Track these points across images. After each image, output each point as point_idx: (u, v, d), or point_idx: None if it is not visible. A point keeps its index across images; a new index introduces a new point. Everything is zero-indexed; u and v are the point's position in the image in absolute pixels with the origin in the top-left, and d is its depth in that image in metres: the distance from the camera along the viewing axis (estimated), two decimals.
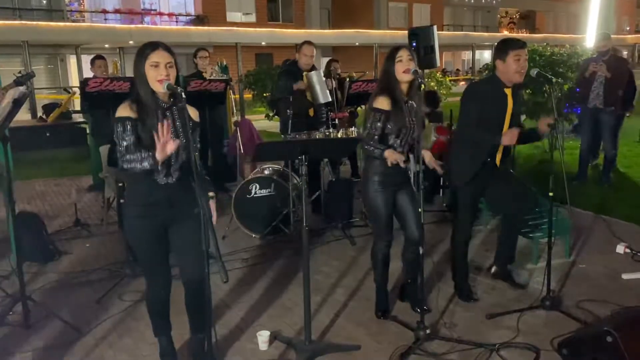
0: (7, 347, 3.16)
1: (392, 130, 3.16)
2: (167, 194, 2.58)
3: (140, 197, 2.60)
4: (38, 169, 8.71)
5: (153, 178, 2.57)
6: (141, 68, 2.51)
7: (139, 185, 2.59)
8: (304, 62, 5.42)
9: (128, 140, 2.50)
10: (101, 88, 5.02)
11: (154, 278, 2.74)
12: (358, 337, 3.20)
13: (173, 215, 2.62)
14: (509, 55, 3.27)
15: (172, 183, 2.59)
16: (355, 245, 4.79)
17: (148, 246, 2.65)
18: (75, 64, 21.43)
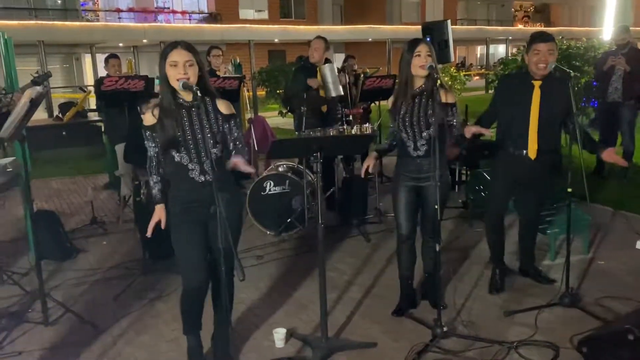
0: (27, 344, 3.20)
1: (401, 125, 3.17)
2: (205, 192, 2.58)
3: (181, 196, 2.63)
4: (55, 168, 8.81)
5: (191, 177, 2.60)
6: (162, 68, 2.54)
7: (180, 184, 2.62)
8: (312, 56, 5.41)
9: (151, 152, 2.64)
10: (116, 87, 5.05)
11: (190, 278, 2.71)
12: (374, 335, 3.19)
13: (211, 214, 2.61)
14: (530, 49, 3.33)
15: (210, 181, 2.58)
16: (370, 242, 4.77)
17: (185, 244, 2.66)
18: (90, 62, 21.61)
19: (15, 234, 5.16)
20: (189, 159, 2.58)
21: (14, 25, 16.36)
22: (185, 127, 2.57)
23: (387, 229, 5.03)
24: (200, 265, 2.69)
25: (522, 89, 3.39)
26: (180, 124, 2.57)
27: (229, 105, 2.70)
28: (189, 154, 2.58)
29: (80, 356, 3.07)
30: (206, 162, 2.59)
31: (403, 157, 3.24)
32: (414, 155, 3.17)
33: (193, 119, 2.59)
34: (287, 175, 5.10)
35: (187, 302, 2.79)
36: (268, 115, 12.46)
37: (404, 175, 3.25)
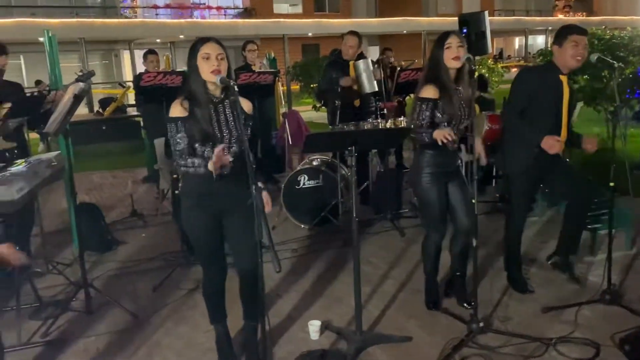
0: (72, 332, 3.32)
1: (443, 119, 3.10)
2: (221, 185, 2.62)
3: (196, 188, 2.66)
4: (95, 162, 9.07)
5: (210, 169, 2.62)
6: (193, 61, 2.57)
7: (195, 176, 2.64)
8: (347, 53, 5.39)
9: (181, 143, 2.58)
10: (155, 82, 5.15)
11: (209, 267, 2.80)
12: (409, 329, 3.18)
13: (227, 205, 2.67)
14: (566, 40, 3.21)
15: (226, 174, 2.63)
16: (404, 237, 4.75)
17: (203, 236, 2.72)
18: (129, 58, 22.10)
19: (59, 225, 5.35)
20: (212, 152, 2.61)
21: (57, 24, 16.86)
22: (214, 121, 2.61)
23: (421, 223, 4.98)
24: (217, 255, 2.76)
25: (551, 83, 3.29)
26: (210, 117, 2.60)
27: (249, 104, 2.74)
28: (213, 147, 2.60)
29: (122, 345, 3.17)
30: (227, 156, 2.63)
31: (434, 150, 3.12)
32: (448, 148, 3.12)
33: (220, 114, 2.62)
34: (321, 169, 5.13)
35: (208, 292, 2.87)
36: (302, 109, 12.49)
37: (435, 169, 3.17)
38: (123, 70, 24.17)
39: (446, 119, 3.09)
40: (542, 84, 3.31)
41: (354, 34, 5.42)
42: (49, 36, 4.57)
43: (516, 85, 3.41)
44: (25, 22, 17.45)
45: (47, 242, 4.53)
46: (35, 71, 18.78)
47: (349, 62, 5.33)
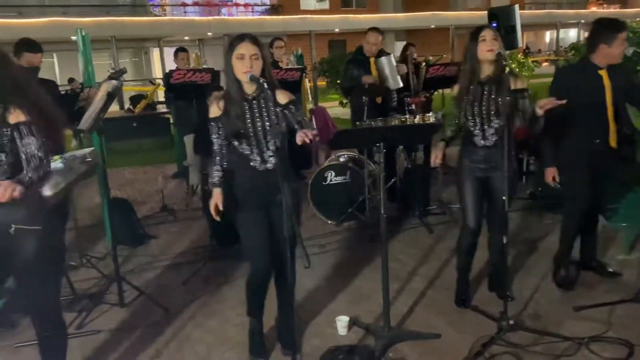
0: (105, 324, 3.41)
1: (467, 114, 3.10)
2: (265, 180, 2.67)
3: (242, 183, 2.72)
4: (127, 158, 9.24)
5: (252, 165, 2.68)
6: (229, 60, 2.61)
7: (242, 172, 2.70)
8: (368, 50, 5.37)
9: (217, 145, 2.71)
10: (184, 79, 5.23)
11: (256, 261, 2.80)
12: (437, 326, 3.16)
13: (271, 200, 2.70)
14: (616, 39, 3.14)
15: (270, 169, 2.67)
16: (432, 234, 4.72)
17: (250, 229, 2.75)
18: (158, 56, 22.42)
19: (92, 220, 5.48)
20: (250, 149, 2.67)
21: (89, 22, 17.19)
22: (247, 118, 2.65)
23: (450, 220, 4.96)
24: (265, 249, 2.77)
25: (590, 80, 3.24)
26: (244, 115, 2.64)
27: (287, 94, 2.75)
28: (250, 144, 2.66)
29: (153, 337, 3.23)
30: (266, 152, 2.68)
31: (469, 146, 3.17)
32: (482, 144, 3.11)
33: (254, 111, 2.66)
34: (348, 165, 5.13)
35: (253, 285, 2.88)
36: (328, 105, 12.50)
37: (470, 165, 3.18)
38: (152, 68, 24.54)
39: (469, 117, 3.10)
40: (582, 82, 3.26)
41: (376, 30, 5.41)
42: (82, 35, 4.66)
43: (555, 85, 3.37)
44: (58, 22, 17.85)
45: (81, 236, 4.64)
46: (68, 69, 19.23)
47: (370, 58, 5.31)
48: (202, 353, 3.05)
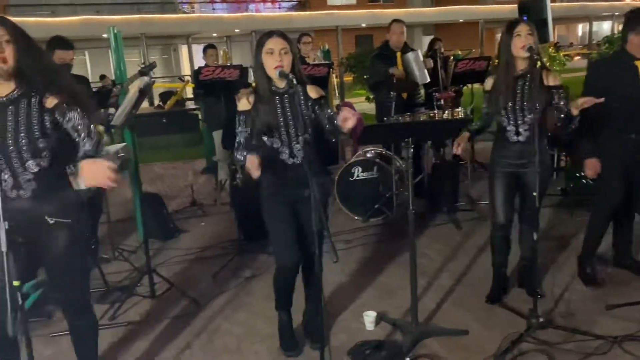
0: (137, 315, 3.49)
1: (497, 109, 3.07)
2: (293, 174, 2.70)
3: (271, 177, 2.74)
4: (157, 153, 9.40)
5: (281, 158, 2.71)
6: (259, 56, 2.64)
7: (271, 165, 2.71)
8: (394, 41, 5.37)
9: (241, 136, 2.71)
10: (213, 76, 5.28)
11: (283, 255, 2.82)
12: (465, 322, 3.15)
13: (299, 194, 2.72)
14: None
15: (299, 163, 2.70)
16: (461, 230, 4.68)
17: (278, 223, 2.78)
18: (187, 53, 22.68)
19: (124, 214, 5.59)
20: (280, 143, 2.69)
21: (119, 20, 17.51)
22: (278, 113, 2.68)
23: (479, 216, 4.91)
24: (293, 243, 2.79)
25: (625, 72, 3.17)
26: (274, 110, 2.67)
27: (318, 89, 2.78)
28: (280, 138, 2.69)
29: (183, 329, 3.29)
30: (295, 146, 2.70)
31: (501, 142, 3.14)
32: (515, 140, 3.07)
33: (284, 105, 2.69)
34: (375, 161, 5.12)
35: (280, 279, 2.91)
36: (355, 101, 12.47)
37: (502, 161, 3.15)
38: (181, 65, 24.84)
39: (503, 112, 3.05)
40: (617, 74, 3.20)
41: (399, 21, 5.41)
42: (114, 33, 4.75)
43: (589, 79, 3.30)
44: (90, 20, 18.23)
45: (114, 230, 4.74)
46: (99, 66, 19.61)
47: (397, 53, 5.30)
48: (231, 345, 3.10)
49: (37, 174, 2.17)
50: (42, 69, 2.19)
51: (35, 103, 2.16)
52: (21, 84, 2.15)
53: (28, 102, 2.16)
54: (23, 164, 2.14)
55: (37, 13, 19.58)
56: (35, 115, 2.15)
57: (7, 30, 2.08)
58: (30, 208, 2.19)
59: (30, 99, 2.16)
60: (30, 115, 2.15)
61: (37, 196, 2.19)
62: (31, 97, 2.16)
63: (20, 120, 2.13)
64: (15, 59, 2.09)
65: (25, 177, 2.16)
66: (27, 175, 2.16)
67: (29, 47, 2.14)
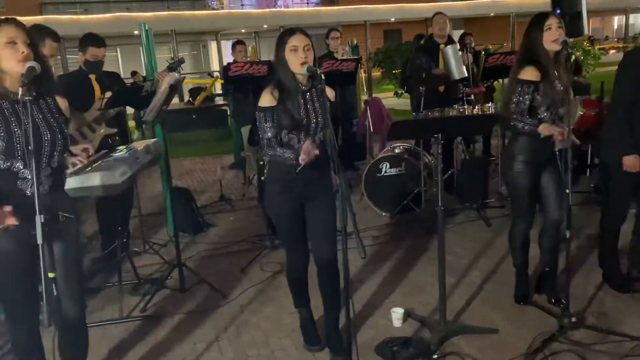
0: (167, 308, 3.55)
1: (542, 102, 2.96)
2: (305, 172, 2.66)
3: (281, 175, 2.73)
4: (186, 148, 9.52)
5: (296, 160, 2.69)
6: (281, 53, 2.62)
7: (280, 163, 2.71)
8: (438, 34, 5.34)
9: (269, 132, 2.67)
10: (242, 72, 5.31)
11: (292, 252, 2.87)
12: (495, 321, 3.10)
13: (309, 192, 2.72)
14: None
15: (313, 162, 2.67)
16: (491, 227, 4.62)
17: (286, 221, 2.79)
18: (216, 49, 22.87)
19: (154, 208, 5.69)
20: (298, 140, 2.68)
21: (150, 17, 17.76)
22: (302, 109, 2.67)
23: (509, 213, 4.80)
24: (300, 240, 2.81)
25: None
26: (299, 106, 2.67)
27: (332, 92, 2.78)
28: (299, 135, 2.67)
29: (212, 322, 3.34)
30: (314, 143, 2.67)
31: (530, 138, 3.01)
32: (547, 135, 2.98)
33: (308, 102, 2.68)
34: (403, 156, 5.08)
35: (290, 277, 2.94)
36: (383, 96, 12.41)
37: (529, 158, 3.05)
38: (210, 61, 25.07)
39: (547, 103, 2.95)
40: None
41: (441, 13, 5.38)
42: (145, 29, 4.82)
43: (622, 70, 3.12)
44: (121, 17, 18.55)
45: (144, 224, 4.83)
46: (130, 62, 19.94)
47: (440, 45, 5.26)
48: (259, 338, 3.13)
49: (55, 169, 2.26)
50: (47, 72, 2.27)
51: (52, 102, 2.27)
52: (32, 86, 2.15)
53: (45, 101, 2.25)
54: (50, 160, 2.22)
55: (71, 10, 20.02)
56: (55, 114, 2.26)
57: (26, 33, 2.15)
58: (48, 203, 2.21)
59: (46, 99, 2.26)
60: (51, 113, 2.25)
61: (53, 192, 2.25)
62: (46, 98, 2.26)
63: (43, 117, 2.21)
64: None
65: (46, 172, 2.22)
66: (48, 170, 2.23)
67: (36, 50, 2.20)
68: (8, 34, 2.09)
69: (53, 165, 2.23)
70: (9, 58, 2.09)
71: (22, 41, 2.11)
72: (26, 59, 2.08)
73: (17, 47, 2.09)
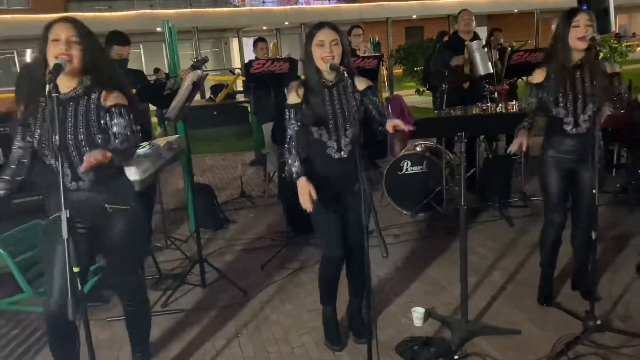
0: (188, 303, 3.57)
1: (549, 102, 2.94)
2: (339, 168, 2.69)
3: (318, 171, 2.73)
4: (208, 145, 9.59)
5: (327, 153, 2.70)
6: (309, 48, 2.62)
7: (317, 159, 2.72)
8: (464, 29, 5.29)
9: (292, 130, 2.68)
10: (263, 69, 5.33)
11: (329, 249, 2.81)
12: (517, 322, 3.06)
13: (345, 188, 2.72)
14: None
15: (345, 157, 2.69)
16: (513, 227, 4.55)
17: (323, 216, 2.74)
18: (237, 46, 22.96)
19: (176, 204, 5.74)
20: (328, 136, 2.67)
21: (173, 14, 17.91)
22: (327, 105, 2.66)
23: (532, 213, 4.76)
24: (338, 237, 2.78)
25: None
26: (324, 102, 2.66)
27: (365, 80, 2.75)
28: (328, 131, 2.67)
29: (232, 318, 3.35)
30: (343, 140, 2.68)
31: (557, 136, 2.99)
32: (573, 132, 2.93)
33: (334, 98, 2.67)
34: (425, 155, 5.04)
35: (325, 271, 2.91)
36: (404, 93, 12.33)
37: (557, 156, 3.02)
38: (232, 58, 25.18)
39: (561, 104, 2.91)
40: None
41: (467, 10, 5.34)
42: (168, 27, 4.86)
43: None
44: (145, 14, 18.72)
45: (166, 219, 4.88)
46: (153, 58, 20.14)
47: (466, 42, 5.21)
48: (279, 335, 3.14)
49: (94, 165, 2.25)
50: (104, 69, 2.30)
51: (95, 100, 2.28)
52: (84, 81, 2.27)
53: (88, 99, 2.27)
54: (82, 157, 2.23)
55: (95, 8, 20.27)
56: (93, 112, 2.27)
57: (76, 30, 2.19)
58: (89, 197, 2.30)
59: (90, 96, 2.28)
60: (89, 111, 2.26)
61: (95, 186, 2.29)
62: (91, 95, 2.28)
63: (80, 116, 2.24)
64: (80, 58, 2.19)
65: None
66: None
67: (93, 47, 2.25)
68: (55, 32, 2.16)
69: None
70: (51, 55, 2.15)
71: (65, 38, 2.15)
72: (62, 56, 2.12)
73: (58, 44, 2.15)
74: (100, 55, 2.31)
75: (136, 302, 2.63)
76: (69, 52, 2.15)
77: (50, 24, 2.19)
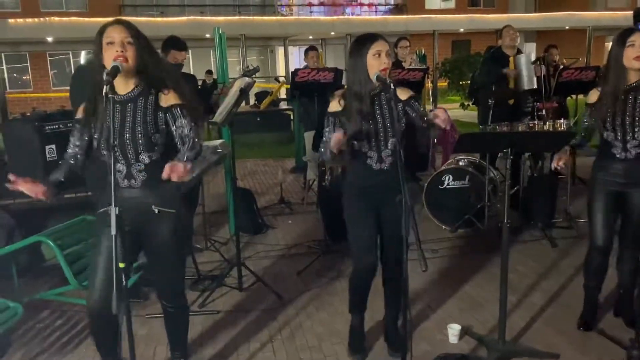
0: (225, 305, 3.63)
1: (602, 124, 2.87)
2: (379, 179, 2.69)
3: (357, 180, 2.75)
4: (249, 150, 9.73)
5: (368, 163, 2.71)
6: (362, 59, 2.58)
7: (357, 169, 2.74)
8: (508, 44, 5.25)
9: (327, 136, 2.68)
10: (308, 78, 5.38)
11: (361, 258, 2.80)
12: (557, 345, 2.98)
13: (384, 199, 2.72)
14: None
15: (386, 169, 2.69)
16: (556, 248, 4.44)
17: (359, 226, 2.77)
18: (283, 54, 23.24)
19: (217, 207, 5.84)
20: (369, 147, 2.68)
21: (222, 21, 18.29)
22: (369, 115, 2.65)
23: (577, 235, 4.63)
24: (371, 247, 2.78)
25: None
26: (367, 112, 2.65)
27: (407, 90, 2.75)
28: (369, 142, 2.67)
29: (267, 323, 3.38)
30: (384, 151, 2.68)
31: (606, 159, 2.92)
32: (622, 157, 2.85)
33: (376, 108, 2.67)
34: (468, 170, 4.98)
35: (356, 281, 2.90)
36: (448, 107, 12.19)
37: (605, 179, 2.94)
38: (277, 66, 25.51)
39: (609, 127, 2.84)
40: None
41: (511, 25, 5.33)
42: (219, 33, 4.98)
43: None
44: (195, 20, 19.20)
45: (207, 221, 4.97)
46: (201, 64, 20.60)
47: (510, 57, 5.15)
48: (312, 342, 3.15)
49: (148, 165, 2.34)
50: (160, 70, 2.36)
51: (152, 101, 2.35)
52: (140, 82, 2.34)
53: (145, 99, 2.34)
54: (137, 156, 2.32)
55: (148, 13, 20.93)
56: (150, 113, 2.33)
57: (130, 32, 2.26)
58: (139, 197, 2.37)
59: (147, 97, 2.35)
60: (146, 112, 2.33)
61: (146, 186, 2.36)
62: (148, 95, 2.35)
63: (138, 116, 2.32)
64: (135, 59, 2.26)
65: (138, 167, 2.34)
66: (140, 166, 2.34)
67: (147, 49, 2.31)
68: (109, 35, 2.23)
69: (144, 161, 2.33)
70: (107, 58, 2.22)
71: (120, 41, 2.22)
72: (119, 57, 2.19)
73: (113, 46, 2.22)
74: (153, 56, 2.37)
75: (177, 305, 2.67)
76: (124, 54, 2.22)
77: (104, 28, 2.26)
